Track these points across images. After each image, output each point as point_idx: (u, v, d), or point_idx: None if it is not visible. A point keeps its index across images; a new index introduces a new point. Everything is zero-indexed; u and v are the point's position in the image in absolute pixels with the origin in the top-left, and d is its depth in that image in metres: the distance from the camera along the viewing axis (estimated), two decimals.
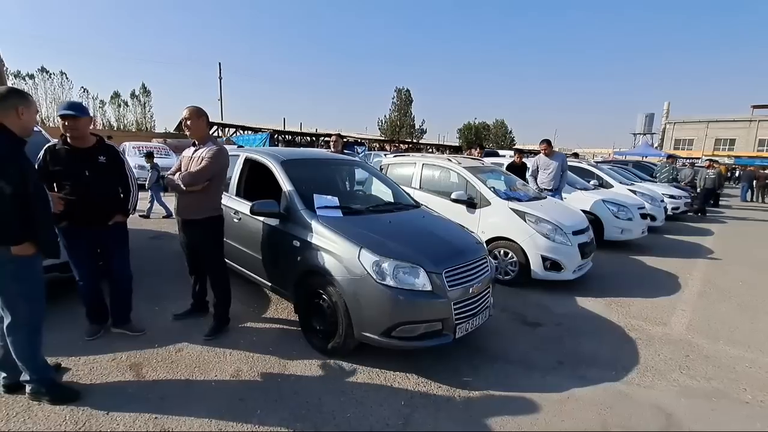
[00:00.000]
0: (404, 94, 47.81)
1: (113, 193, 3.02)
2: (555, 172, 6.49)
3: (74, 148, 2.84)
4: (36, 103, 2.36)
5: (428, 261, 2.80)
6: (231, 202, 3.87)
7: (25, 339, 2.24)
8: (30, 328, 2.25)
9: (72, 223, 2.83)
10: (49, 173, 2.77)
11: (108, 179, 2.97)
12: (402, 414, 2.40)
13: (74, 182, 2.80)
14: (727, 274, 5.81)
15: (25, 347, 2.24)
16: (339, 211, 3.29)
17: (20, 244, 2.09)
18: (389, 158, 7.06)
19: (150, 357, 2.85)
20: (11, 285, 2.16)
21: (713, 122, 49.33)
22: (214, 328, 3.21)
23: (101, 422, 2.17)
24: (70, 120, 2.76)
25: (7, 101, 2.13)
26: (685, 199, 11.00)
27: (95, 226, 2.93)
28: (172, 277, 4.07)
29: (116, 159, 3.03)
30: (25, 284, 2.19)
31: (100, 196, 2.91)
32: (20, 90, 2.30)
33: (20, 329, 2.21)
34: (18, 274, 2.15)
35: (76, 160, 2.82)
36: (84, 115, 2.82)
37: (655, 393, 2.78)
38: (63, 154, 2.81)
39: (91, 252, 3.02)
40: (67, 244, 2.89)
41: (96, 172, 2.87)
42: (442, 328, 2.76)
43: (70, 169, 2.81)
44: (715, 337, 3.70)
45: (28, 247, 2.12)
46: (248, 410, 2.34)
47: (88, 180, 2.83)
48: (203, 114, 3.17)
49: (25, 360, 2.26)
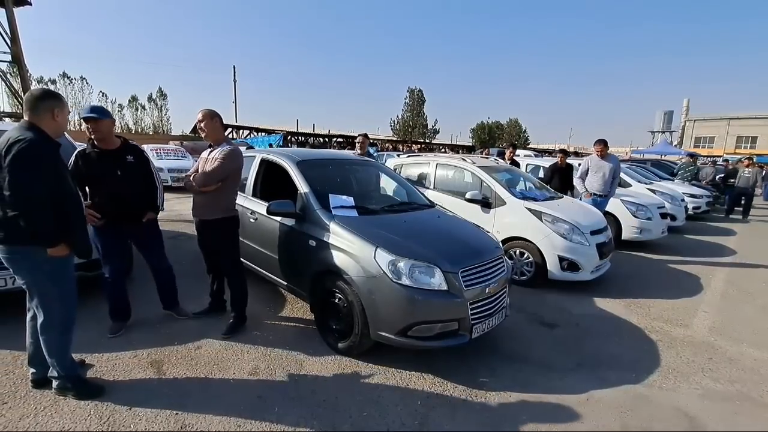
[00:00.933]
0: (417, 94, 47.80)
1: (143, 191, 3.15)
2: (608, 176, 5.89)
3: (103, 150, 2.97)
4: (68, 104, 2.41)
5: (444, 261, 2.79)
6: (247, 202, 3.92)
7: (57, 337, 2.31)
8: (63, 327, 2.31)
9: (108, 221, 2.97)
10: (83, 177, 2.91)
11: (138, 178, 3.10)
12: (418, 414, 2.40)
13: (109, 183, 2.95)
14: (751, 276, 5.65)
15: (56, 345, 2.31)
16: (354, 211, 3.30)
17: (56, 246, 2.14)
18: (403, 158, 7.06)
19: (170, 354, 2.90)
20: (46, 285, 2.22)
21: (735, 119, 47.94)
22: (231, 327, 3.25)
23: (124, 418, 2.22)
24: (92, 122, 2.87)
25: (44, 103, 2.17)
26: (707, 199, 10.72)
27: (129, 224, 3.08)
28: (190, 276, 4.14)
29: (142, 158, 3.17)
30: (60, 284, 2.25)
31: (133, 194, 3.05)
32: (54, 91, 2.35)
33: (53, 328, 2.28)
34: (53, 274, 2.22)
35: (108, 162, 2.96)
36: (105, 118, 2.92)
37: (676, 396, 2.72)
38: (94, 157, 2.94)
39: (123, 250, 3.17)
40: (102, 242, 3.04)
41: (126, 171, 3.01)
42: (458, 328, 2.75)
43: (103, 171, 2.94)
44: (739, 339, 3.61)
45: (62, 249, 2.17)
46: (266, 408, 2.37)
47: (120, 180, 2.97)
48: (217, 116, 3.22)
49: (55, 357, 2.32)
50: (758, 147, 44.96)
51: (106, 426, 2.15)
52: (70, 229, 2.21)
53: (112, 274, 3.11)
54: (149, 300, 3.57)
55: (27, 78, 22.35)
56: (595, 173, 5.99)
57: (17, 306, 3.33)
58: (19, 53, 20.54)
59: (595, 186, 5.96)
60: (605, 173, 5.89)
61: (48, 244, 2.13)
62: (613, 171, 5.91)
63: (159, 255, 3.35)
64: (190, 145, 17.37)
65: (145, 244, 3.27)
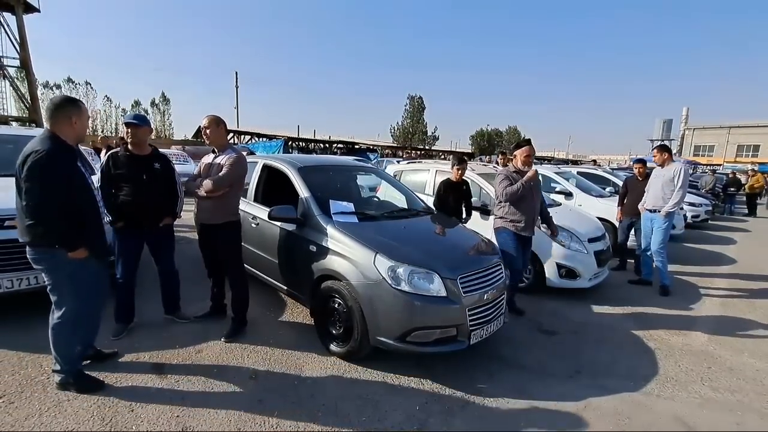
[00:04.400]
0: (417, 101, 48.05)
1: (164, 197, 3.28)
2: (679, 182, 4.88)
3: (134, 155, 3.13)
4: (87, 109, 2.49)
5: (443, 267, 2.82)
6: (249, 207, 3.96)
7: (67, 334, 2.40)
8: (74, 324, 2.40)
9: (127, 223, 3.09)
10: (112, 177, 3.07)
11: (161, 184, 3.24)
12: (417, 419, 2.42)
13: (133, 185, 3.08)
14: (751, 284, 5.65)
15: (64, 341, 2.40)
16: (355, 217, 3.34)
17: (75, 250, 2.26)
18: (403, 165, 7.11)
19: (171, 357, 2.93)
20: (65, 284, 2.33)
21: (735, 128, 48.09)
22: (232, 330, 3.28)
23: (126, 419, 2.25)
24: (132, 128, 3.09)
25: (63, 110, 2.27)
26: (706, 207, 10.74)
27: (147, 227, 3.20)
28: (192, 280, 4.17)
29: (168, 166, 3.33)
30: (77, 284, 2.35)
31: (154, 199, 3.17)
32: (73, 98, 2.42)
33: (65, 325, 2.37)
34: (72, 275, 2.33)
35: (136, 166, 3.11)
36: (145, 125, 3.17)
37: (675, 404, 2.73)
38: (124, 160, 3.10)
39: (138, 252, 3.26)
40: (119, 243, 3.15)
41: (152, 177, 3.16)
42: (456, 334, 2.77)
43: (130, 173, 3.09)
44: (740, 349, 3.61)
45: (82, 252, 2.29)
46: (266, 411, 2.39)
47: (145, 183, 3.11)
48: (222, 122, 3.29)
49: (61, 352, 2.41)
50: (761, 155, 45.04)
51: (108, 427, 2.17)
52: (88, 234, 2.33)
53: (124, 276, 3.18)
54: (151, 303, 3.60)
55: (33, 83, 22.61)
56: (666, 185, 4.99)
57: (20, 308, 3.38)
58: (27, 59, 20.86)
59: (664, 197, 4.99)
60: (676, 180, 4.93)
61: (68, 248, 2.25)
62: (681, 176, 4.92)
63: (169, 259, 3.45)
64: (192, 150, 17.50)
65: (158, 247, 3.37)
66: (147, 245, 3.31)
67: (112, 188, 3.08)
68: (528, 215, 3.90)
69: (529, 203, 3.91)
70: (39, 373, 2.61)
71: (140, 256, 3.28)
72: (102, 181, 3.07)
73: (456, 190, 4.60)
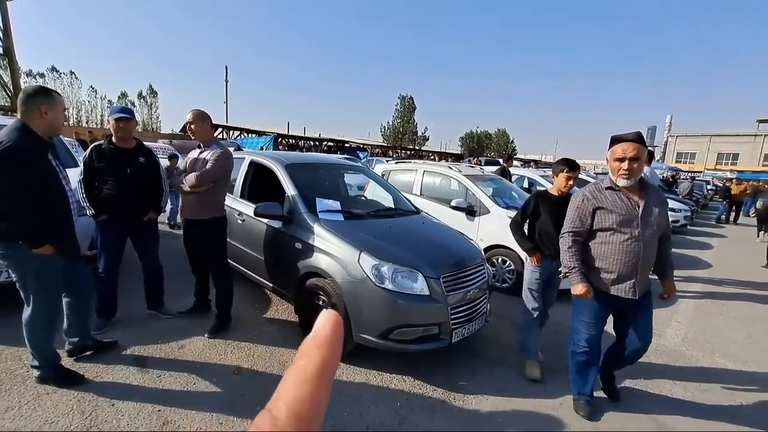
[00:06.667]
0: (408, 101, 48.13)
1: (148, 192, 3.25)
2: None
3: (118, 148, 3.09)
4: (63, 100, 2.36)
5: (427, 266, 2.87)
6: (235, 203, 3.96)
7: (41, 331, 2.35)
8: (46, 321, 2.35)
9: (110, 217, 3.06)
10: (94, 169, 3.01)
11: (145, 179, 3.20)
12: (398, 415, 2.46)
13: (116, 179, 3.04)
14: (725, 288, 5.85)
15: (39, 338, 2.36)
16: (341, 215, 3.37)
17: (40, 247, 2.19)
18: (391, 164, 7.15)
19: (153, 352, 2.92)
20: (32, 281, 2.27)
21: (716, 136, 49.46)
22: (216, 326, 3.28)
23: (107, 413, 2.24)
24: (123, 122, 3.06)
25: (31, 101, 2.16)
26: (686, 213, 11.04)
27: (130, 222, 3.17)
28: (176, 275, 4.14)
29: (153, 161, 3.29)
30: (44, 281, 2.29)
31: (138, 193, 3.14)
32: (46, 88, 2.30)
33: (37, 322, 2.32)
34: (39, 272, 2.26)
35: (120, 159, 3.07)
36: (134, 118, 3.17)
37: (647, 402, 2.83)
38: (108, 153, 3.06)
39: (120, 247, 3.23)
40: (102, 236, 3.12)
41: (136, 171, 3.13)
42: (438, 332, 2.82)
43: (114, 166, 3.05)
44: (711, 350, 3.75)
45: (47, 248, 2.22)
46: (249, 406, 2.41)
47: (128, 178, 3.07)
48: (207, 117, 3.28)
49: (36, 348, 2.37)
50: (740, 163, 46.43)
51: (88, 421, 2.17)
52: (55, 230, 2.25)
53: (106, 270, 3.16)
54: (134, 298, 3.57)
55: (17, 71, 22.00)
56: None
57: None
58: (11, 47, 20.27)
59: None
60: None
61: (31, 244, 2.17)
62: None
63: (153, 254, 3.43)
64: (179, 144, 17.20)
65: (142, 242, 3.35)
66: (131, 239, 3.29)
67: (95, 181, 3.05)
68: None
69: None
70: (18, 366, 2.58)
71: (123, 250, 3.25)
72: (84, 173, 3.03)
73: (558, 210, 2.89)
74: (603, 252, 2.41)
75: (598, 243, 2.43)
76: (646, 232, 2.32)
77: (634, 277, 2.38)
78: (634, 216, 2.32)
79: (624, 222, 2.31)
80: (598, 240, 2.43)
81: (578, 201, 2.48)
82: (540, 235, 3.07)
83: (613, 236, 2.35)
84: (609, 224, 2.35)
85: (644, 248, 2.33)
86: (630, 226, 2.31)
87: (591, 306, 2.49)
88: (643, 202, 2.34)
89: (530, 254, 3.07)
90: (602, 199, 2.39)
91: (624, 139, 2.31)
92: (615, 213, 2.33)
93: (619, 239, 2.34)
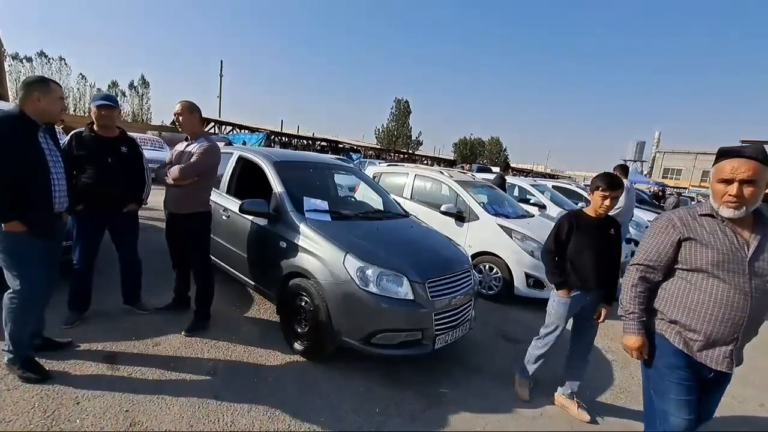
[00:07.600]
0: (403, 104, 48.30)
1: (130, 182, 3.16)
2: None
3: (99, 136, 3.00)
4: (61, 90, 2.46)
5: (412, 270, 2.83)
6: (221, 199, 3.87)
7: (17, 313, 2.31)
8: (23, 304, 2.32)
9: (87, 206, 2.95)
10: (74, 157, 2.90)
11: (127, 169, 3.11)
12: (375, 422, 2.40)
13: (96, 168, 2.95)
14: None
15: (15, 321, 2.32)
16: (328, 215, 3.31)
17: (8, 222, 2.17)
18: (383, 167, 7.12)
19: (126, 349, 2.81)
20: (6, 260, 2.26)
21: (701, 154, 50.58)
22: (194, 324, 3.19)
23: (71, 412, 2.14)
24: (106, 110, 2.97)
25: (28, 87, 2.29)
26: None
27: (109, 212, 3.07)
28: (155, 270, 4.03)
29: (136, 151, 3.21)
30: (19, 261, 2.27)
31: (118, 183, 3.05)
32: (45, 78, 2.42)
33: (14, 303, 2.30)
34: (11, 251, 2.24)
35: (101, 148, 2.99)
36: (117, 107, 3.10)
37: (627, 414, 2.82)
38: (89, 141, 2.97)
39: (97, 238, 3.13)
40: (79, 226, 3.01)
41: (117, 160, 3.04)
42: (421, 337, 2.78)
43: (94, 155, 2.96)
44: None
45: (16, 225, 2.20)
46: (222, 408, 2.33)
47: (109, 167, 2.98)
48: (196, 109, 3.19)
49: (11, 332, 2.33)
50: None
51: (49, 420, 2.06)
52: (32, 210, 2.24)
53: (80, 262, 3.04)
54: (109, 292, 3.45)
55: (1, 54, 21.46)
56: None
57: None
58: None
59: None
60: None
61: (1, 218, 2.17)
62: None
63: (131, 247, 3.32)
64: (169, 136, 16.98)
65: (120, 234, 3.24)
66: (108, 231, 3.18)
67: (73, 169, 2.92)
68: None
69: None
70: None
71: (100, 241, 3.14)
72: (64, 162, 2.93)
73: (596, 234, 2.60)
74: (688, 302, 1.73)
75: (682, 288, 1.77)
76: (754, 282, 1.64)
77: (732, 344, 1.70)
78: (740, 258, 1.64)
79: (722, 264, 1.65)
80: (682, 284, 1.77)
81: (659, 225, 1.82)
82: (573, 263, 2.59)
83: (707, 282, 1.69)
84: (700, 264, 1.69)
85: (753, 304, 1.64)
86: (731, 271, 1.64)
87: (678, 376, 1.77)
88: (757, 242, 1.65)
89: (558, 288, 2.70)
90: (695, 228, 1.72)
91: (736, 153, 1.66)
92: (712, 249, 1.66)
93: (715, 287, 1.67)
